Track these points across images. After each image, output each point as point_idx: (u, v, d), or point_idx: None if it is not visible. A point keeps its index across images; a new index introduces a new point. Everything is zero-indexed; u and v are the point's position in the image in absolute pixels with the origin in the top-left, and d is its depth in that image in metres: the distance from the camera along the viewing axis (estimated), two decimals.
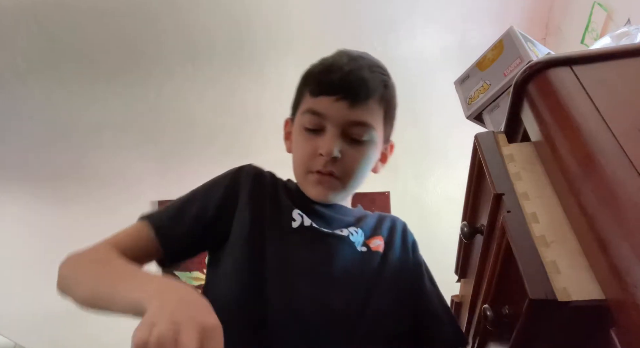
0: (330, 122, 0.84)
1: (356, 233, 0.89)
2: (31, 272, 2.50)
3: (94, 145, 2.54)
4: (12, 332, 2.37)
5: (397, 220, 1.01)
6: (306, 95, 0.87)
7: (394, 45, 2.42)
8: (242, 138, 2.55)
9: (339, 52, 0.91)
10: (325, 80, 0.84)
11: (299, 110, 0.89)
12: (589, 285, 0.46)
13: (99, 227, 2.81)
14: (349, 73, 0.84)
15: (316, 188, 0.86)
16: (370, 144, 0.87)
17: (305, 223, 0.85)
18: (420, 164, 2.59)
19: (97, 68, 2.39)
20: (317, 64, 0.90)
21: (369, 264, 0.86)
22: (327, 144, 0.82)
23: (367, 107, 0.84)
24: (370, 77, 0.85)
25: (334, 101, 0.82)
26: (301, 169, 0.88)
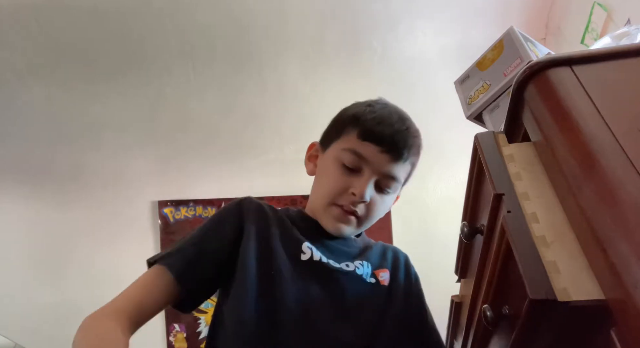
0: (370, 168, 0.89)
1: (362, 266, 0.92)
2: (31, 272, 2.50)
3: (94, 145, 2.54)
4: (12, 332, 2.37)
5: (399, 252, 1.05)
6: (351, 135, 0.91)
7: (394, 45, 2.43)
8: (242, 138, 2.55)
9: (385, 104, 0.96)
10: (378, 131, 0.90)
11: (340, 145, 0.92)
12: (589, 285, 0.46)
13: (99, 227, 2.82)
14: (399, 133, 0.91)
15: (335, 223, 0.91)
16: (394, 195, 0.96)
17: (314, 258, 0.88)
18: (420, 164, 2.59)
19: (97, 68, 2.39)
20: (366, 110, 0.94)
21: (377, 298, 0.91)
22: (362, 187, 0.88)
23: (402, 166, 0.92)
24: (412, 140, 0.93)
25: (380, 152, 0.89)
26: (326, 200, 0.91)
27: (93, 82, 2.42)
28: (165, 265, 0.83)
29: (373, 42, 2.41)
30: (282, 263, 0.85)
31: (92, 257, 2.51)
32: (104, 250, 2.52)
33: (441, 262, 1.49)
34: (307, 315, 0.82)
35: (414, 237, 2.52)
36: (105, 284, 2.50)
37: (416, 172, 1.01)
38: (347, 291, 0.87)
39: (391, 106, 0.97)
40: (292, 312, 0.81)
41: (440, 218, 2.53)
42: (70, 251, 2.53)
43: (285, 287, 0.83)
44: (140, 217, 2.58)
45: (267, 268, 0.84)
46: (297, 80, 2.42)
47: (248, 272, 0.83)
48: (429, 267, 2.33)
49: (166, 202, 2.58)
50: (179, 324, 2.51)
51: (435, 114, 2.50)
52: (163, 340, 2.50)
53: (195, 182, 2.59)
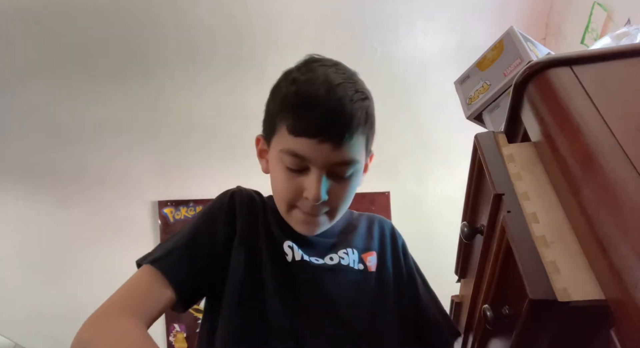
0: (315, 164, 0.78)
1: (346, 255, 0.88)
2: (31, 272, 2.50)
3: (94, 145, 2.54)
4: (12, 332, 2.37)
5: (385, 222, 0.99)
6: (283, 131, 0.79)
7: (394, 45, 2.43)
8: (242, 138, 2.54)
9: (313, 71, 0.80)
10: (305, 119, 0.76)
11: (277, 144, 0.81)
12: (589, 285, 0.46)
13: (99, 227, 2.82)
14: (330, 111, 0.75)
15: (302, 226, 0.84)
16: (356, 175, 0.83)
17: (296, 258, 0.84)
18: (420, 164, 2.59)
19: (98, 68, 2.39)
20: (291, 90, 0.79)
21: (367, 286, 0.87)
22: (314, 190, 0.77)
23: (352, 143, 0.78)
24: (352, 109, 0.77)
25: (317, 143, 0.75)
26: (284, 206, 0.84)
27: (93, 82, 2.42)
28: (160, 270, 0.77)
29: (373, 42, 2.41)
30: (268, 268, 0.82)
31: (92, 257, 2.51)
32: (104, 250, 2.52)
33: (441, 262, 1.49)
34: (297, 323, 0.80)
35: (414, 237, 2.51)
36: (105, 284, 2.49)
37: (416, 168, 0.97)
38: (335, 288, 0.84)
39: (319, 71, 0.80)
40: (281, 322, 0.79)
41: (440, 218, 2.53)
42: (70, 251, 2.53)
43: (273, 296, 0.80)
44: (140, 217, 2.57)
45: (254, 274, 0.81)
46: None
47: (238, 280, 0.80)
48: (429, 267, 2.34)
49: (166, 202, 2.58)
50: (179, 324, 2.51)
51: (435, 114, 2.50)
52: (163, 340, 2.50)
53: (195, 182, 2.59)
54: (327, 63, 0.83)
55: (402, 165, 2.59)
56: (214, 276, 0.82)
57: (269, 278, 0.81)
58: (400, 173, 2.60)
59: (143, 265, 0.80)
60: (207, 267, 0.81)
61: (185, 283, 0.79)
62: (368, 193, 2.54)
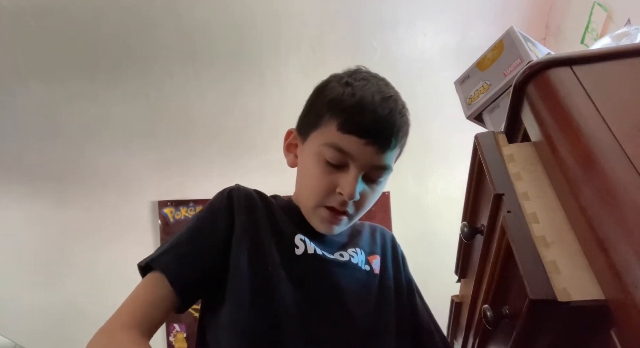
0: (356, 163, 0.81)
1: (356, 254, 0.90)
2: (31, 272, 2.50)
3: (94, 145, 2.54)
4: (12, 332, 2.37)
5: (386, 232, 1.02)
6: (331, 126, 0.82)
7: (394, 45, 2.43)
8: (242, 138, 2.55)
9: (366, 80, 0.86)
10: (358, 120, 0.81)
11: (319, 138, 0.84)
12: (588, 285, 0.46)
13: (99, 227, 2.82)
14: (383, 119, 0.81)
15: (325, 224, 0.86)
16: (384, 183, 0.88)
17: (309, 250, 0.84)
18: (420, 164, 2.60)
19: (97, 68, 2.39)
20: (346, 92, 0.83)
21: (372, 287, 0.89)
22: (350, 186, 0.81)
23: (392, 153, 0.84)
24: (400, 123, 0.84)
25: (364, 144, 0.80)
26: (313, 202, 0.85)
27: (93, 82, 2.42)
28: (165, 274, 0.78)
29: (373, 42, 2.41)
30: (276, 262, 0.82)
31: (92, 257, 2.51)
32: (104, 250, 2.52)
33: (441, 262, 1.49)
34: (307, 314, 0.80)
35: (414, 237, 2.52)
36: (105, 284, 2.51)
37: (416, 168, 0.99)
38: (345, 283, 0.85)
39: (372, 81, 0.86)
40: (291, 313, 0.79)
41: (440, 218, 2.53)
42: (70, 251, 2.53)
43: (282, 288, 0.80)
44: (140, 217, 2.58)
45: (261, 269, 0.81)
46: (297, 80, 2.42)
47: (242, 275, 0.80)
48: (429, 267, 2.34)
49: (166, 202, 2.58)
50: (179, 324, 2.51)
51: (435, 114, 2.50)
52: (163, 340, 2.50)
53: (195, 182, 2.59)
54: (376, 76, 0.90)
55: (402, 165, 2.58)
56: (215, 273, 0.81)
57: (276, 271, 0.81)
58: (400, 173, 2.59)
59: (147, 275, 0.80)
60: (209, 265, 0.81)
61: (186, 283, 0.79)
62: None
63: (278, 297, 0.79)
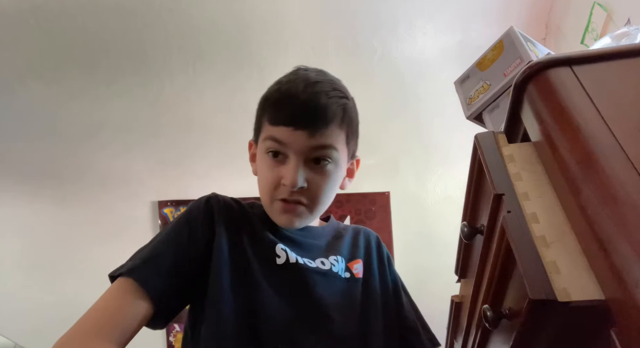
0: (292, 151, 0.82)
1: (336, 262, 0.90)
2: (31, 272, 2.50)
3: (94, 145, 2.54)
4: (12, 332, 2.37)
5: (371, 233, 1.02)
6: (266, 123, 0.85)
7: (394, 45, 2.43)
8: (242, 139, 2.54)
9: (296, 74, 0.88)
10: (283, 110, 0.83)
11: (262, 136, 0.87)
12: (589, 285, 0.46)
13: (99, 227, 2.82)
14: (306, 102, 0.82)
15: (283, 216, 0.86)
16: (334, 165, 0.86)
17: (290, 260, 0.84)
18: (420, 164, 2.60)
19: (98, 68, 2.39)
20: (273, 89, 0.87)
21: (354, 293, 0.89)
22: (290, 175, 0.81)
23: (327, 132, 0.83)
24: (327, 103, 0.83)
25: (293, 130, 0.81)
26: (267, 197, 0.86)
27: (93, 82, 2.42)
28: (138, 281, 0.75)
29: (373, 42, 2.41)
30: (257, 271, 0.81)
31: (92, 257, 2.51)
32: (104, 250, 2.52)
33: (441, 262, 1.49)
34: (289, 324, 0.80)
35: (414, 237, 2.52)
36: (105, 284, 2.50)
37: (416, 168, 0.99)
38: (326, 291, 0.85)
39: (301, 74, 0.87)
40: (273, 323, 0.78)
41: (440, 218, 2.53)
42: (70, 251, 2.53)
43: (264, 298, 0.79)
44: (140, 217, 2.58)
45: (242, 279, 0.80)
46: None
47: (222, 284, 0.79)
48: (429, 267, 2.34)
49: (166, 202, 2.58)
50: (179, 324, 2.50)
51: (435, 114, 2.50)
52: (163, 340, 2.50)
53: (195, 182, 2.59)
54: (311, 69, 0.90)
55: (402, 165, 2.59)
56: (195, 284, 0.80)
57: (258, 280, 0.81)
58: (400, 173, 2.60)
59: (118, 278, 0.77)
60: (188, 276, 0.79)
61: (164, 295, 0.76)
62: (368, 193, 2.54)
63: (259, 308, 0.79)
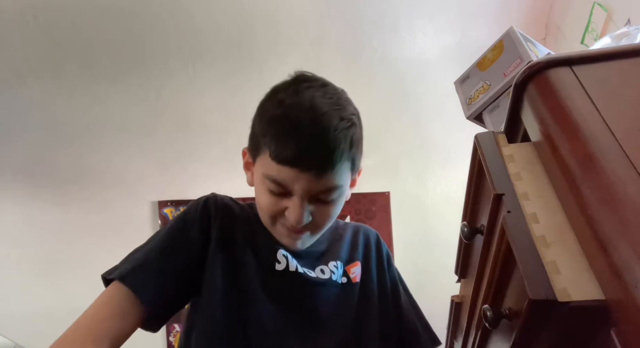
0: (297, 192, 0.76)
1: (336, 268, 0.89)
2: (31, 272, 2.50)
3: (94, 145, 2.54)
4: (12, 332, 2.37)
5: (370, 232, 1.00)
6: (266, 154, 0.76)
7: (394, 45, 2.43)
8: (242, 139, 2.54)
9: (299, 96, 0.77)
10: (288, 148, 0.73)
11: (260, 166, 0.79)
12: (589, 285, 0.46)
13: (99, 227, 2.82)
14: (314, 141, 0.73)
15: (286, 240, 0.83)
16: (339, 198, 0.82)
17: (290, 268, 0.83)
18: (420, 164, 2.59)
19: (98, 68, 2.39)
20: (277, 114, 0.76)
21: (350, 299, 0.87)
22: (295, 216, 0.76)
23: (334, 173, 0.76)
24: (336, 141, 0.74)
25: (299, 173, 0.74)
26: (268, 219, 0.83)
27: (93, 82, 2.42)
28: (130, 287, 0.75)
29: (373, 42, 2.41)
30: (253, 276, 0.80)
31: (92, 257, 2.51)
32: (104, 251, 2.52)
33: (441, 262, 1.49)
34: (280, 331, 0.79)
35: (414, 237, 2.52)
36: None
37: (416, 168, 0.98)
38: (324, 301, 0.84)
39: (304, 96, 0.76)
40: (265, 330, 0.78)
41: (440, 218, 2.53)
42: (70, 251, 2.53)
43: (257, 305, 0.78)
44: (140, 217, 2.57)
45: (235, 283, 0.79)
46: None
47: (215, 288, 0.78)
48: (429, 267, 2.34)
49: (166, 202, 2.58)
50: (179, 324, 2.50)
51: (435, 114, 2.50)
52: (163, 340, 2.50)
53: (195, 182, 2.59)
54: (314, 85, 0.80)
55: (402, 165, 2.59)
56: (189, 287, 0.79)
57: (253, 285, 0.80)
58: (400, 173, 2.60)
59: (112, 283, 0.76)
60: (183, 280, 0.79)
61: (157, 301, 0.76)
62: (368, 193, 2.54)
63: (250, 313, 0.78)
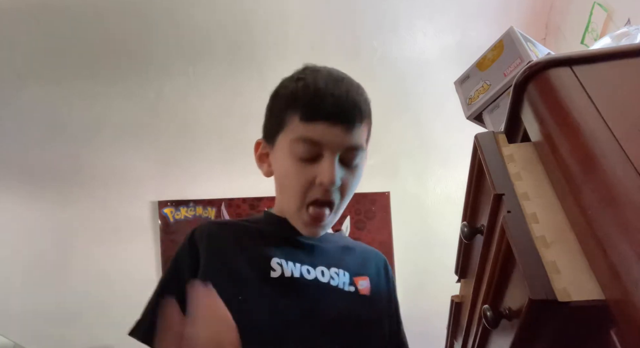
0: (328, 149, 0.80)
1: (337, 276, 0.88)
2: (31, 272, 2.50)
3: (94, 145, 2.54)
4: (12, 332, 2.37)
5: (379, 256, 1.00)
6: (294, 120, 0.82)
7: (394, 45, 2.43)
8: (242, 139, 2.54)
9: (315, 71, 0.86)
10: (319, 105, 0.80)
11: (287, 136, 0.83)
12: (589, 285, 0.46)
13: (99, 227, 2.81)
14: (342, 98, 0.81)
15: (308, 228, 0.85)
16: (361, 166, 0.87)
17: (286, 274, 0.83)
18: (420, 164, 2.60)
19: (97, 68, 2.39)
20: (299, 86, 0.84)
21: (358, 308, 0.87)
22: (329, 173, 0.79)
23: (359, 131, 0.83)
24: (359, 99, 0.83)
25: (331, 126, 0.79)
26: (297, 201, 0.83)
27: (93, 83, 2.42)
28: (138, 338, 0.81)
29: (373, 42, 2.41)
30: (249, 285, 0.80)
31: (92, 257, 2.51)
32: (104, 251, 2.52)
33: (441, 262, 1.49)
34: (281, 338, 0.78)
35: (414, 237, 2.52)
36: (105, 284, 2.51)
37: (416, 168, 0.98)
38: (324, 305, 0.83)
39: (321, 71, 0.86)
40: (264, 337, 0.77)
41: (440, 218, 2.53)
42: (70, 251, 2.52)
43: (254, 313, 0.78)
44: (140, 217, 2.57)
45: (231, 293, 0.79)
46: None
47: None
48: (429, 267, 2.34)
49: (166, 202, 2.58)
50: None
51: (435, 114, 2.50)
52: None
53: (195, 182, 2.59)
54: (325, 67, 0.89)
55: (402, 165, 2.59)
56: None
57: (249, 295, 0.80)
58: (400, 173, 2.60)
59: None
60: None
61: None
62: (368, 193, 2.54)
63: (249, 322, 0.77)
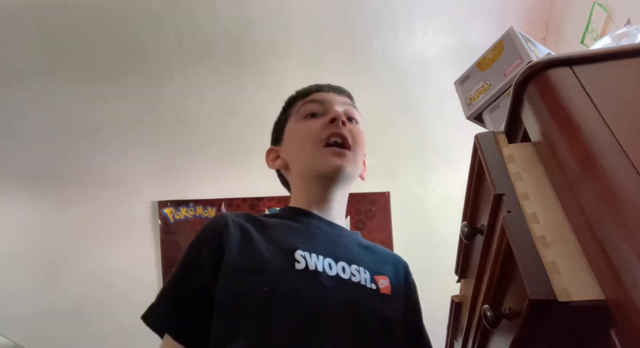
0: (330, 104, 1.00)
1: (358, 273, 0.88)
2: (31, 272, 2.50)
3: (94, 145, 2.54)
4: (12, 332, 2.37)
5: (399, 259, 1.02)
6: (298, 104, 1.03)
7: (394, 45, 2.43)
8: (242, 139, 2.55)
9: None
10: (314, 86, 1.05)
11: (294, 117, 1.02)
12: (589, 285, 0.46)
13: (100, 228, 2.82)
14: (331, 84, 1.06)
15: (332, 158, 0.93)
16: (360, 126, 1.02)
17: (310, 267, 0.83)
18: (421, 164, 2.60)
19: (98, 68, 2.39)
20: (298, 90, 1.07)
21: (379, 305, 0.87)
22: (334, 111, 0.96)
23: (352, 104, 1.05)
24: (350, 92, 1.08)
25: (326, 92, 1.03)
26: (314, 143, 0.94)
27: (93, 83, 2.42)
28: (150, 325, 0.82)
29: (373, 42, 2.41)
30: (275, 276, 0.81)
31: (92, 257, 2.51)
32: (104, 251, 2.52)
33: (441, 262, 1.49)
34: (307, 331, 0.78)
35: (414, 237, 2.52)
36: (105, 284, 2.51)
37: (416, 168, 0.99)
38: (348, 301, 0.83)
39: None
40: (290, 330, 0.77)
41: (440, 218, 2.53)
42: (70, 251, 2.53)
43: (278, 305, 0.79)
44: (140, 217, 2.58)
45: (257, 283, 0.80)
46: (297, 80, 2.42)
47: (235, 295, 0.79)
48: (429, 267, 2.34)
49: (166, 202, 2.58)
50: None
51: (435, 114, 2.50)
52: None
53: (195, 182, 2.59)
54: None
55: (402, 165, 2.59)
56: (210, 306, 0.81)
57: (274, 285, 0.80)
58: (400, 173, 2.60)
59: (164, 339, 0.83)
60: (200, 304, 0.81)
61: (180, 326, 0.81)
62: (368, 193, 2.54)
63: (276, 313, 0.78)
